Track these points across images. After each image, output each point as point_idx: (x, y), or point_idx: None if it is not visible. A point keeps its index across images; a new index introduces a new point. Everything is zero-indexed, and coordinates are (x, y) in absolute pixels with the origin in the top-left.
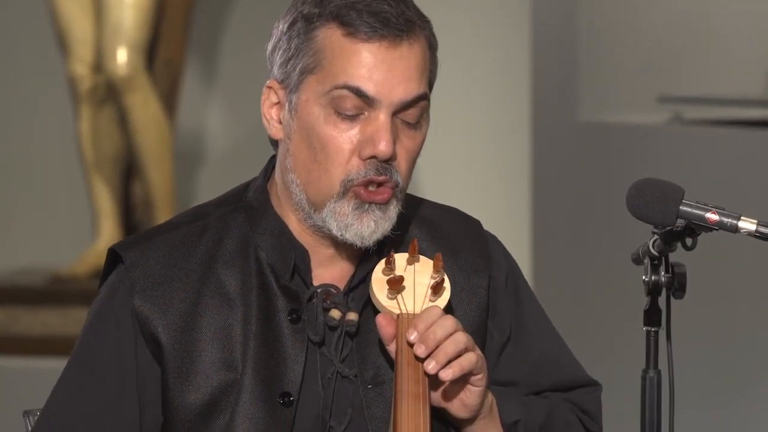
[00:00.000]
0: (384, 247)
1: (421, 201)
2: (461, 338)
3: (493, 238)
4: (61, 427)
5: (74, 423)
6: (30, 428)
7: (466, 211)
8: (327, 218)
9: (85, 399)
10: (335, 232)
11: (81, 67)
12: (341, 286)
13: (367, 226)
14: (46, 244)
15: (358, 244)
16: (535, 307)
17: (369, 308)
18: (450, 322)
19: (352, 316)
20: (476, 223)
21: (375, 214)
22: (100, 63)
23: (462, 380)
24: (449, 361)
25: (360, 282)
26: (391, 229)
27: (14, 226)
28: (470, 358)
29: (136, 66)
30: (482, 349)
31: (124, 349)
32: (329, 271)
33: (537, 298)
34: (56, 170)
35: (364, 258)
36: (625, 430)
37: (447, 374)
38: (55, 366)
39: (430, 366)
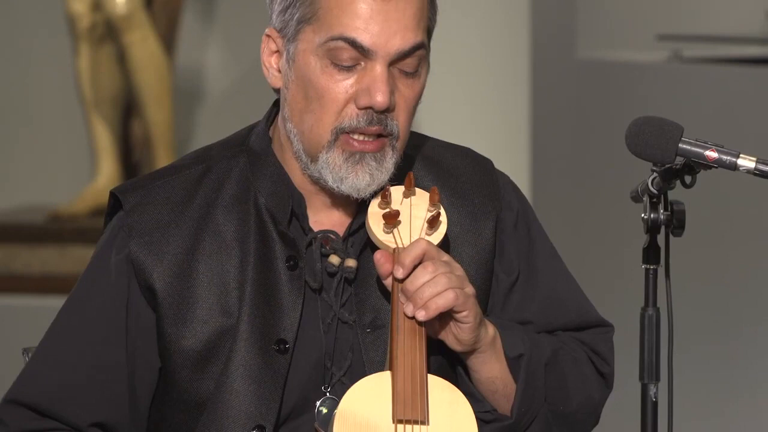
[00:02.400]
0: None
1: (432, 141)
2: (441, 280)
3: (505, 178)
4: (47, 368)
5: (60, 365)
6: None
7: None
8: (322, 170)
9: (74, 342)
10: (331, 183)
11: (80, 4)
12: (340, 232)
13: (363, 179)
14: (45, 182)
15: (355, 196)
16: (547, 248)
17: (367, 253)
18: (430, 267)
19: (351, 262)
20: (487, 163)
21: (370, 166)
22: (99, 1)
23: (448, 317)
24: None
25: (359, 227)
26: (391, 178)
27: (13, 164)
28: (447, 297)
29: (135, 4)
30: (487, 290)
31: (117, 296)
32: (328, 217)
33: (549, 239)
34: (55, 109)
35: (363, 204)
36: (624, 368)
37: (421, 315)
38: (53, 304)
39: (408, 309)
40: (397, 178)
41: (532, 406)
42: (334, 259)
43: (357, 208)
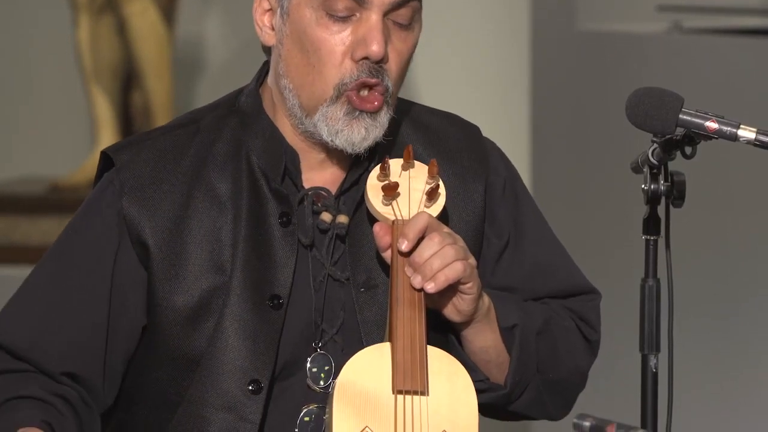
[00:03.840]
0: (376, 151)
1: (419, 106)
2: (448, 252)
3: (492, 144)
4: (26, 312)
5: (39, 310)
6: None
7: (464, 117)
8: (318, 123)
9: (55, 289)
10: (326, 137)
11: None
12: (332, 189)
13: (358, 133)
14: (45, 153)
15: (349, 150)
16: (534, 214)
17: (361, 212)
18: (437, 239)
19: (343, 219)
20: (475, 129)
21: (365, 121)
22: None
23: (452, 288)
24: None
25: (351, 185)
26: (384, 134)
27: (13, 135)
28: (456, 268)
29: None
30: (478, 255)
31: (104, 248)
32: (320, 174)
33: (537, 206)
34: (55, 80)
35: (355, 161)
36: (624, 339)
37: (430, 287)
38: None
39: (416, 281)
40: (394, 150)
41: (525, 375)
42: (326, 216)
43: (349, 166)
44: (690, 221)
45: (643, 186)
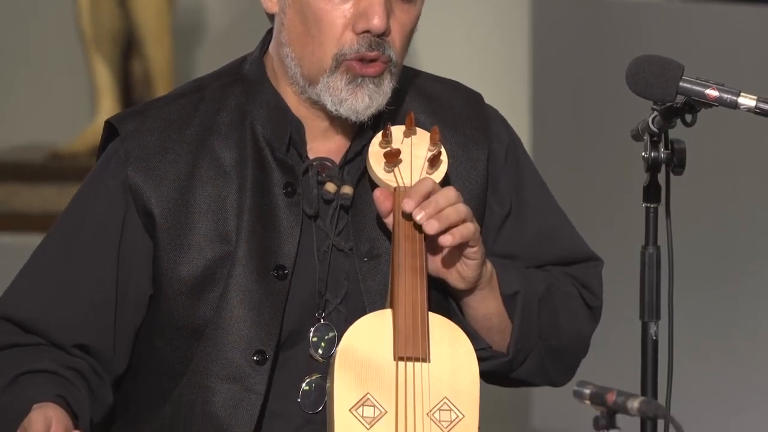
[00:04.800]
0: (380, 121)
1: (421, 74)
2: (462, 208)
3: (494, 111)
4: (35, 286)
5: (48, 283)
6: None
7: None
8: (321, 93)
9: (64, 261)
10: (330, 107)
11: None
12: (336, 159)
13: (362, 101)
14: (46, 121)
15: (353, 118)
16: (536, 181)
17: (364, 182)
18: (452, 192)
19: (347, 189)
20: (477, 96)
21: (369, 89)
22: None
23: (458, 252)
24: (449, 228)
25: (355, 155)
26: (387, 103)
27: (14, 102)
28: (469, 228)
29: None
30: (481, 223)
31: (111, 218)
32: (324, 144)
33: (539, 173)
34: (56, 47)
35: (359, 131)
36: (624, 306)
37: (447, 240)
38: None
39: (433, 225)
40: (397, 117)
41: (527, 342)
42: (330, 187)
43: (353, 136)
44: (690, 189)
45: (643, 154)
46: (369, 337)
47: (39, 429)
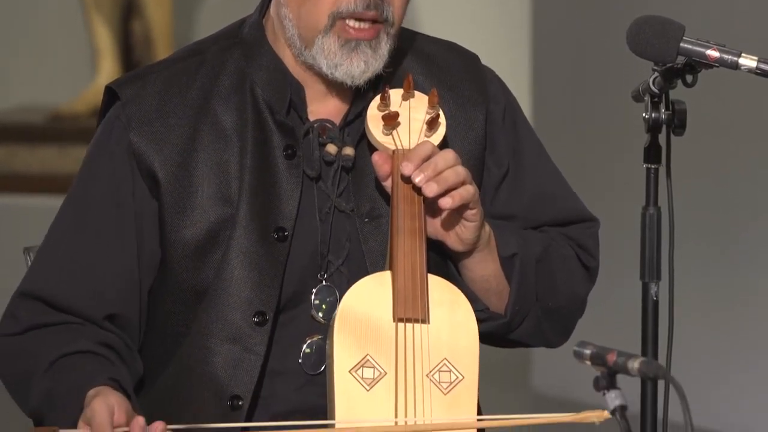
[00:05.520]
0: (379, 82)
1: (417, 35)
2: (461, 170)
3: (491, 72)
4: (58, 262)
5: (70, 257)
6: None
7: (465, 47)
8: (317, 56)
9: (83, 234)
10: (325, 70)
11: None
12: (337, 121)
13: (357, 66)
14: (46, 81)
15: (349, 83)
16: (533, 142)
17: (364, 143)
18: (451, 154)
19: (349, 150)
20: (474, 57)
21: (365, 53)
22: None
23: (457, 214)
24: (448, 190)
25: (356, 117)
26: (385, 65)
27: (14, 64)
28: (468, 190)
29: None
30: (479, 183)
31: (121, 184)
32: (325, 106)
33: (536, 134)
34: (56, 8)
35: (359, 92)
36: (625, 267)
37: (447, 202)
38: (54, 203)
39: (432, 188)
40: (395, 79)
41: (525, 304)
42: (331, 148)
43: (353, 97)
44: (691, 150)
45: (644, 114)
46: (368, 298)
47: (104, 419)
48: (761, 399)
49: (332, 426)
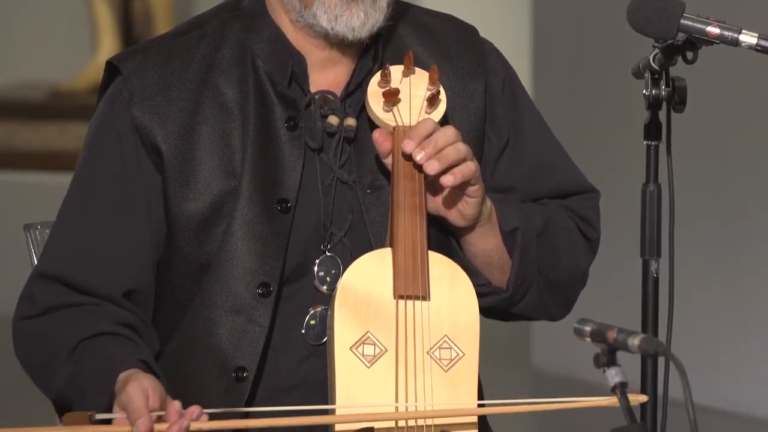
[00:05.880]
0: (378, 54)
1: (415, 7)
2: (462, 147)
3: (489, 45)
4: (72, 241)
5: (83, 236)
6: (31, 243)
7: (465, 21)
8: (317, 12)
9: (95, 212)
10: (325, 25)
11: None
12: (338, 92)
13: (357, 17)
14: (46, 58)
15: (350, 36)
16: (533, 114)
17: (365, 114)
18: (451, 131)
19: (351, 121)
20: (472, 29)
21: (364, 3)
22: None
23: (459, 191)
24: (449, 168)
25: (356, 87)
26: (384, 42)
27: (14, 41)
28: (470, 166)
29: None
30: (480, 155)
31: (128, 160)
32: (326, 77)
33: (535, 106)
34: None
35: (359, 63)
36: (625, 244)
37: (448, 180)
38: (54, 181)
39: (433, 166)
40: (395, 53)
41: (527, 278)
42: (333, 120)
43: (354, 67)
44: (691, 126)
45: (644, 91)
46: (369, 275)
47: (140, 404)
48: (761, 375)
49: (333, 411)
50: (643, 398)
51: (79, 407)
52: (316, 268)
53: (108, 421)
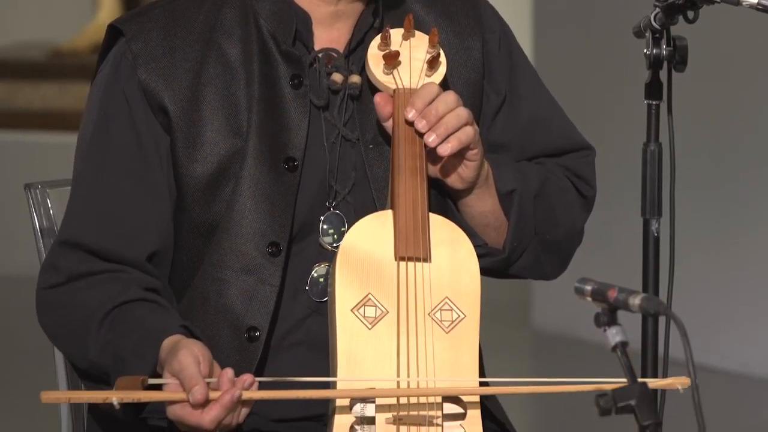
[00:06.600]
0: (379, 11)
1: None
2: (462, 113)
3: (485, 2)
4: (91, 207)
5: (102, 201)
6: (32, 202)
7: None
8: None
9: (112, 177)
10: None
11: None
12: (340, 49)
13: None
14: (47, 18)
15: None
16: (528, 71)
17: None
18: (452, 97)
19: (355, 78)
20: None
21: None
22: None
23: (459, 154)
24: (449, 136)
25: (358, 44)
26: (385, 3)
27: (14, 1)
28: (468, 132)
29: None
30: (478, 111)
31: (138, 122)
32: (328, 34)
33: (531, 63)
34: None
35: (360, 19)
36: (626, 204)
37: (445, 149)
38: (54, 140)
39: (431, 139)
40: (395, 17)
41: (524, 239)
42: (338, 77)
43: (355, 25)
44: (692, 85)
45: (645, 50)
46: (370, 237)
47: (194, 371)
48: (762, 335)
49: (334, 385)
50: (686, 381)
51: (117, 374)
52: (321, 226)
53: (158, 387)
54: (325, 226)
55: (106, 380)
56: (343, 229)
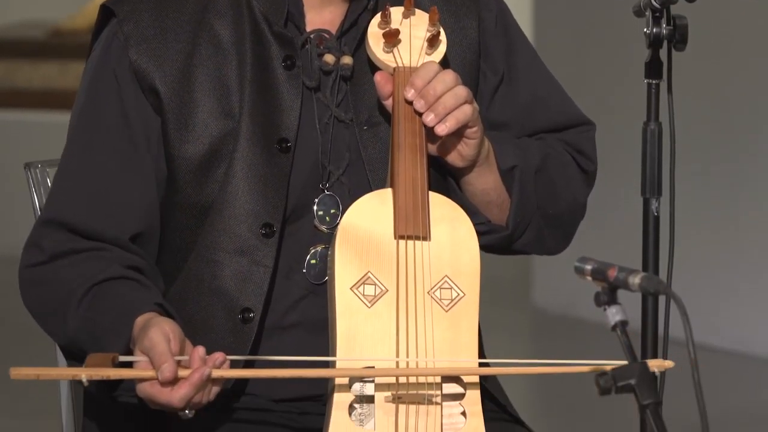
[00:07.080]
0: None
1: None
2: (461, 92)
3: None
4: (77, 186)
5: (89, 180)
6: (32, 181)
7: None
8: None
9: (99, 157)
10: None
11: None
12: (333, 30)
13: None
14: None
15: None
16: (527, 48)
17: (361, 52)
18: (450, 76)
19: (347, 59)
20: None
21: None
22: None
23: (458, 133)
24: (447, 115)
25: (351, 25)
26: None
27: None
28: (466, 111)
29: None
30: (476, 90)
31: (128, 103)
32: (320, 16)
33: (529, 40)
34: None
35: (354, 1)
36: (626, 183)
37: (443, 128)
38: (54, 119)
39: (429, 118)
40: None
41: (526, 215)
42: (329, 58)
43: (348, 6)
44: (692, 65)
45: (645, 29)
46: (369, 215)
47: (164, 348)
48: (762, 314)
49: (333, 364)
50: (669, 364)
51: (93, 351)
52: (315, 207)
53: (129, 364)
54: (320, 212)
55: (85, 357)
56: (333, 210)
